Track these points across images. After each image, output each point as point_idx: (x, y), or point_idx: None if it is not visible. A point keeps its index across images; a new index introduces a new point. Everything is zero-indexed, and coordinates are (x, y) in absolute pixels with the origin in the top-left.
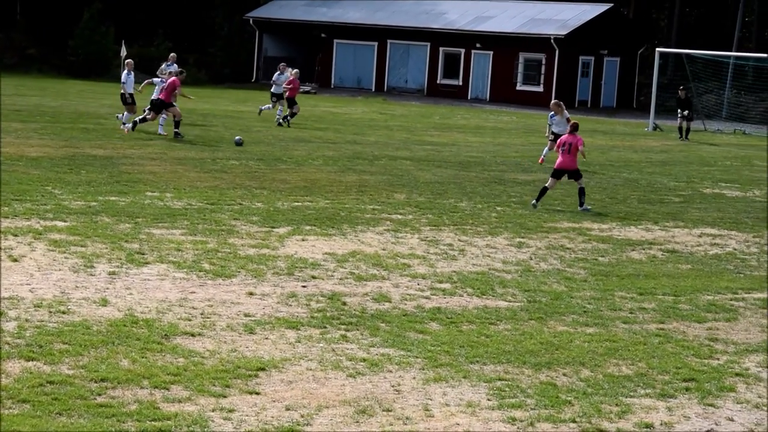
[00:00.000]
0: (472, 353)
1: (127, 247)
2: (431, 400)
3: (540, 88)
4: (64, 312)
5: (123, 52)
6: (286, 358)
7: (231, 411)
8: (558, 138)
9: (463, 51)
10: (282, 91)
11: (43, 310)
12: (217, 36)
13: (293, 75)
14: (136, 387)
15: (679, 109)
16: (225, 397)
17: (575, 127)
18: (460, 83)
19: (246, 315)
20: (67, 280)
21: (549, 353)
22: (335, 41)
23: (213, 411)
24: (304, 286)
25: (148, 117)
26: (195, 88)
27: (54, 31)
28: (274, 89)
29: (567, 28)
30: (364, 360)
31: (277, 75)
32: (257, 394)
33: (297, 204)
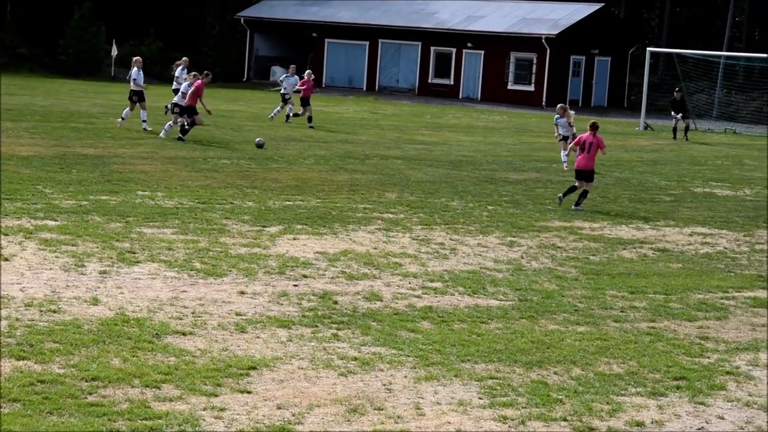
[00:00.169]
0: (463, 352)
1: (118, 246)
2: (422, 398)
3: (531, 88)
4: (54, 311)
5: (114, 52)
6: (277, 357)
7: (222, 410)
8: (564, 139)
9: (454, 50)
10: (290, 93)
11: (33, 309)
12: (208, 35)
13: (306, 75)
14: (127, 386)
15: (673, 111)
16: (216, 395)
17: (595, 126)
18: (452, 82)
19: (237, 314)
20: (57, 279)
21: (540, 352)
22: (326, 41)
23: (204, 410)
24: (296, 285)
25: (192, 121)
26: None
27: (44, 30)
28: (283, 91)
29: (558, 28)
30: (355, 359)
31: (285, 77)
32: (248, 392)
33: (288, 203)
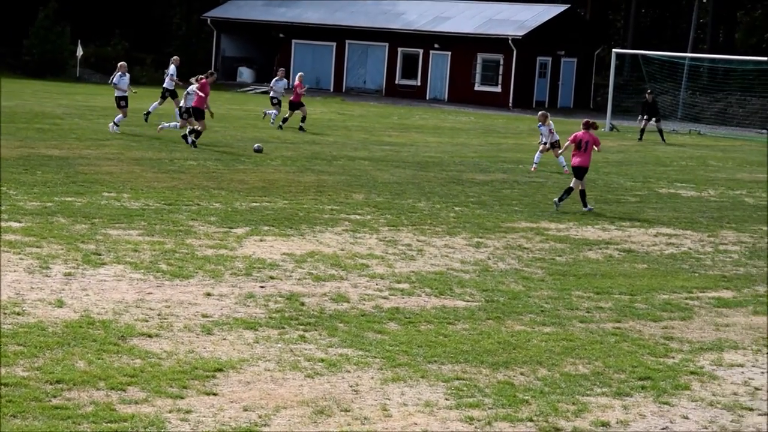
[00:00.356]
0: (430, 353)
1: (84, 248)
2: (389, 400)
3: (498, 89)
4: (19, 313)
5: (79, 52)
6: (243, 359)
7: (188, 412)
8: (547, 146)
9: (421, 51)
10: (280, 97)
11: None
12: (174, 36)
13: (298, 79)
14: (92, 389)
15: (646, 114)
16: (182, 398)
17: (589, 125)
18: (419, 83)
19: (204, 316)
20: (22, 281)
21: (506, 353)
22: (294, 41)
23: (170, 412)
24: (262, 287)
25: (198, 128)
26: (153, 89)
27: (8, 31)
28: (272, 94)
29: (525, 29)
30: (322, 360)
31: (275, 81)
32: (215, 395)
33: (255, 204)
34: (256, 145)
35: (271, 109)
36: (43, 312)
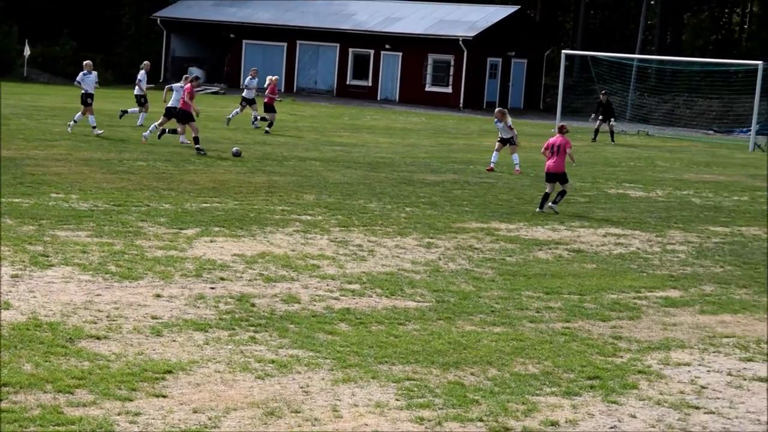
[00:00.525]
0: (380, 354)
1: (31, 250)
2: (340, 400)
3: (449, 89)
4: None
5: (26, 52)
6: (193, 361)
7: (137, 414)
8: (503, 141)
9: (372, 52)
10: (253, 96)
11: None
12: (123, 36)
13: (273, 81)
14: (39, 391)
15: (601, 115)
16: (131, 400)
17: (563, 129)
18: (370, 84)
19: (153, 317)
20: None
21: (457, 353)
22: (244, 42)
23: (119, 415)
24: (213, 288)
25: (179, 130)
26: (101, 89)
27: None
28: (245, 94)
29: (475, 30)
30: (272, 361)
31: (249, 79)
32: (164, 397)
33: (205, 205)
34: (234, 148)
35: (235, 109)
36: None
